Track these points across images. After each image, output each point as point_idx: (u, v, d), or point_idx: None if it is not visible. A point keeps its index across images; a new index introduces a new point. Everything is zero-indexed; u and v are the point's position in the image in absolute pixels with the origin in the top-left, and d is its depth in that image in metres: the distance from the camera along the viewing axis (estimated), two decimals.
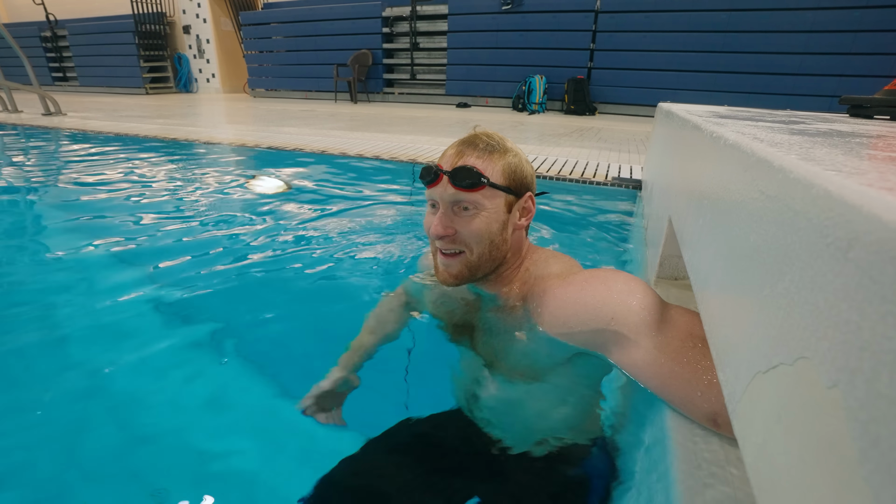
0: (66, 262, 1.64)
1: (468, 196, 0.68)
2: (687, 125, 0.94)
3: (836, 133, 0.66)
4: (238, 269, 1.60)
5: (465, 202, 0.68)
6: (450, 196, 0.68)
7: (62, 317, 1.30)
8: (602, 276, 0.67)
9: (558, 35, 6.76)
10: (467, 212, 0.69)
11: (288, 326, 1.30)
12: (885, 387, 0.18)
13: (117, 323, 1.28)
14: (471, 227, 0.69)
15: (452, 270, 0.72)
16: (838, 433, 0.21)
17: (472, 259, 0.71)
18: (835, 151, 0.42)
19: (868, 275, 0.21)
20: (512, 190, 0.71)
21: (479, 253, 0.71)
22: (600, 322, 0.62)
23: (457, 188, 0.67)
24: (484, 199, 0.68)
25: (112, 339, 1.21)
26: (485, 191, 0.68)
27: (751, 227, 0.39)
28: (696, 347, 0.56)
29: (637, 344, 0.58)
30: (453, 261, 0.72)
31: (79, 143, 4.05)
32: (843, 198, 0.24)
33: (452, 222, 0.70)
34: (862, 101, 1.43)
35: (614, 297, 0.62)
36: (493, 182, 0.69)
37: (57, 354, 1.15)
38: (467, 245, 0.70)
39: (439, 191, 0.69)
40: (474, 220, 0.69)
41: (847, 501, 0.20)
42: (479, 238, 0.70)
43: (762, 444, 0.29)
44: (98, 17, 10.61)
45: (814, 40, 5.44)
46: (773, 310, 0.30)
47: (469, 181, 0.67)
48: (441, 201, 0.69)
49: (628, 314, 0.60)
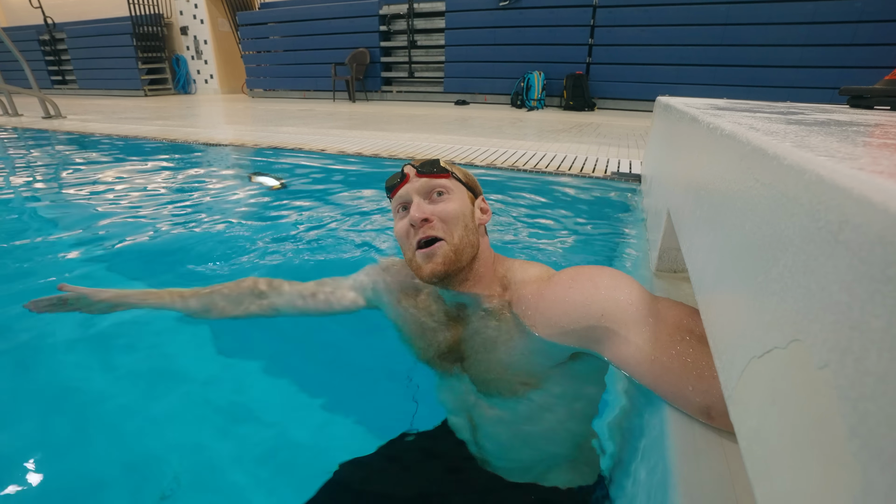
0: (67, 262, 1.65)
1: (438, 181, 0.73)
2: (685, 117, 0.94)
3: (834, 122, 0.66)
4: (237, 266, 1.60)
5: (439, 187, 0.73)
6: (421, 185, 0.72)
7: (62, 317, 1.31)
8: (588, 272, 0.67)
9: (556, 31, 6.74)
10: (440, 196, 0.72)
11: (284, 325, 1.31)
12: (874, 364, 0.18)
13: (119, 323, 1.29)
14: (446, 208, 0.72)
15: (437, 257, 0.70)
16: (829, 412, 0.21)
17: (454, 242, 0.71)
18: (830, 139, 0.42)
19: (858, 256, 0.21)
20: (470, 188, 0.78)
21: (459, 236, 0.71)
22: (591, 319, 0.61)
23: (427, 175, 0.72)
24: (451, 184, 0.74)
25: (112, 340, 1.22)
26: (451, 179, 0.74)
27: (746, 215, 0.39)
28: (684, 340, 0.55)
29: (627, 340, 0.58)
30: (434, 249, 0.71)
31: (79, 145, 4.06)
32: (834, 182, 0.24)
33: (428, 207, 0.72)
34: (862, 92, 1.43)
35: (602, 293, 0.62)
36: (456, 175, 0.76)
37: (53, 357, 1.16)
38: (446, 226, 0.71)
39: (409, 186, 0.73)
40: (448, 202, 0.72)
41: (837, 478, 0.20)
42: (456, 218, 0.72)
43: (757, 427, 0.30)
44: (95, 19, 10.61)
45: (814, 32, 5.41)
46: (768, 295, 0.31)
47: (437, 168, 0.73)
48: (413, 194, 0.73)
49: (617, 310, 0.60)
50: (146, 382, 1.09)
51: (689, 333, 0.56)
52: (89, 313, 0.86)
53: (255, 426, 0.98)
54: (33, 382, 1.08)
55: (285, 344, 1.22)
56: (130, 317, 1.05)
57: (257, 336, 1.27)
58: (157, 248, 1.79)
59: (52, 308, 0.85)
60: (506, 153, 3.33)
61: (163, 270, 1.62)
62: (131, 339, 1.22)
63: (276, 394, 1.07)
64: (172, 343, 1.19)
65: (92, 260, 1.67)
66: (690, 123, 0.84)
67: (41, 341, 1.19)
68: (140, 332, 1.25)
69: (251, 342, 1.23)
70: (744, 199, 0.40)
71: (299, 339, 1.27)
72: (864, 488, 0.18)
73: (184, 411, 1.01)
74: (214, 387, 1.09)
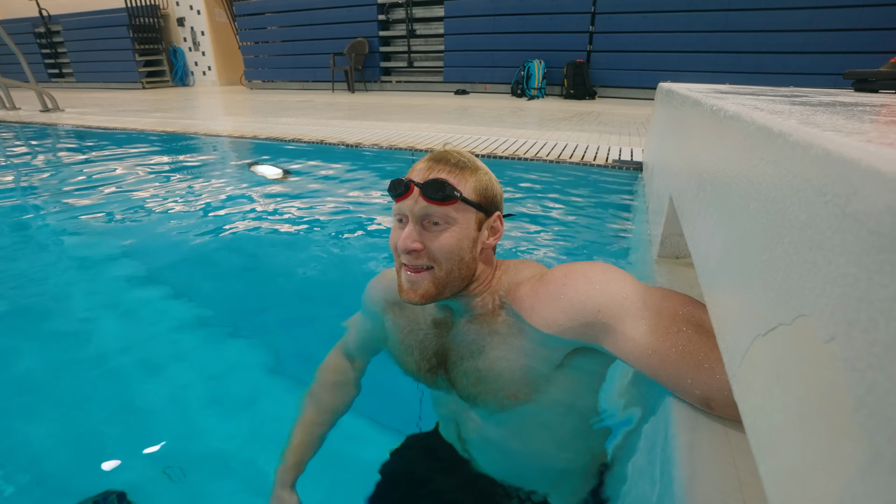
0: (65, 256, 1.65)
1: (439, 210, 0.65)
2: (687, 101, 0.93)
3: (840, 104, 0.65)
4: (236, 256, 1.60)
5: (436, 216, 0.65)
6: (420, 209, 0.65)
7: (64, 306, 1.31)
8: (581, 269, 0.66)
9: (557, 18, 6.65)
10: (437, 227, 0.66)
11: (286, 311, 1.31)
12: (883, 334, 0.18)
13: (122, 311, 1.29)
14: (440, 242, 0.66)
15: (419, 289, 0.67)
16: (835, 384, 0.21)
17: (440, 275, 0.67)
18: (836, 117, 0.42)
19: (866, 227, 0.21)
20: (482, 207, 0.68)
21: (448, 269, 0.67)
22: (588, 315, 0.61)
23: (429, 201, 0.64)
24: (455, 213, 0.66)
25: (116, 328, 1.23)
26: (457, 205, 0.66)
27: (750, 194, 0.39)
28: (681, 331, 0.55)
29: (625, 334, 0.58)
30: (419, 277, 0.67)
31: (78, 138, 4.04)
32: (841, 154, 0.24)
33: (421, 237, 0.66)
34: (867, 75, 1.41)
35: (597, 287, 0.62)
36: (465, 197, 0.66)
37: (56, 342, 1.16)
38: (436, 261, 0.66)
39: (409, 204, 0.66)
40: (444, 234, 0.66)
41: (843, 449, 0.20)
42: (449, 254, 0.66)
43: (761, 404, 0.30)
44: (91, 11, 10.49)
45: (817, 16, 5.33)
46: (773, 272, 0.31)
47: (441, 194, 0.64)
48: (410, 215, 0.66)
49: (613, 304, 0.60)
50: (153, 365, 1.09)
51: (686, 323, 0.56)
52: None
53: (256, 429, 0.98)
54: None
55: (276, 328, 1.22)
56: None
57: (256, 339, 1.26)
58: (156, 240, 1.79)
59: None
60: (506, 142, 3.31)
61: (161, 261, 1.62)
62: (130, 331, 1.22)
63: (277, 397, 1.07)
64: (175, 351, 1.18)
65: (90, 253, 1.68)
66: (693, 107, 0.83)
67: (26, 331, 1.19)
68: (140, 323, 1.26)
69: (252, 346, 1.22)
70: (748, 178, 0.40)
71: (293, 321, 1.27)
72: (871, 457, 0.18)
73: (173, 398, 1.01)
74: (218, 388, 1.09)
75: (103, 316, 1.28)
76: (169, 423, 0.96)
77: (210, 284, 1.50)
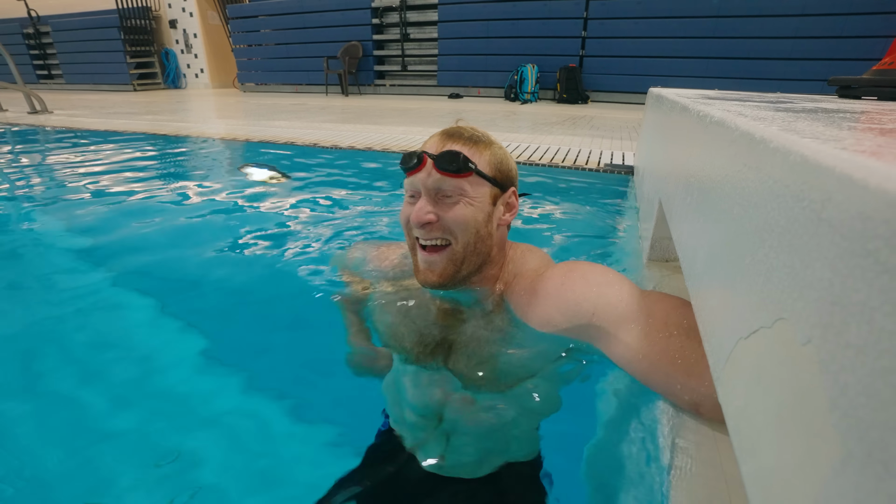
0: (54, 260, 1.63)
1: (453, 182, 0.63)
2: (675, 107, 0.94)
3: (822, 110, 0.66)
4: (228, 261, 1.59)
5: (449, 189, 0.63)
6: (434, 182, 0.63)
7: (51, 312, 1.30)
8: (580, 270, 0.67)
9: (549, 23, 6.71)
10: (450, 198, 0.64)
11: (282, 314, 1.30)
12: (854, 337, 0.19)
13: (105, 315, 1.28)
14: (455, 213, 0.64)
15: (436, 268, 0.65)
16: (812, 386, 0.22)
17: (458, 250, 0.65)
18: (816, 124, 0.43)
19: (839, 232, 0.21)
20: (497, 182, 0.67)
21: (465, 243, 0.65)
22: (583, 317, 0.62)
23: (443, 173, 0.62)
24: (469, 186, 0.64)
25: (105, 337, 1.21)
26: (471, 178, 0.64)
27: (734, 199, 0.39)
28: (672, 336, 0.56)
29: (617, 338, 0.59)
30: (437, 256, 0.65)
31: (67, 140, 3.99)
32: (817, 161, 0.25)
33: (435, 209, 0.64)
34: (850, 82, 1.44)
35: (593, 290, 0.62)
36: (480, 170, 0.64)
37: (44, 350, 1.15)
38: (452, 234, 0.64)
39: (422, 177, 0.64)
40: (457, 206, 0.64)
41: (818, 450, 0.20)
42: (465, 226, 0.64)
43: (743, 406, 0.30)
44: (81, 12, 10.39)
45: (805, 24, 5.44)
46: (754, 277, 0.31)
47: (456, 165, 0.62)
48: (423, 188, 0.64)
49: (608, 308, 0.60)
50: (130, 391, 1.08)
51: (678, 328, 0.56)
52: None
53: (224, 441, 0.94)
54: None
55: (282, 347, 1.20)
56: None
57: (242, 326, 1.25)
58: (146, 243, 1.77)
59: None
60: None
61: (152, 266, 1.61)
62: (119, 338, 1.21)
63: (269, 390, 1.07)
64: (156, 352, 1.16)
65: (80, 257, 1.66)
66: (681, 112, 0.84)
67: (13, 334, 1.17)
68: (128, 331, 1.24)
69: (246, 348, 1.20)
70: (732, 183, 0.41)
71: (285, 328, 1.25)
72: (843, 458, 0.18)
73: (153, 408, 0.99)
74: (193, 395, 1.06)
75: (85, 318, 1.27)
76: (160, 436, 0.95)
77: (200, 287, 1.49)
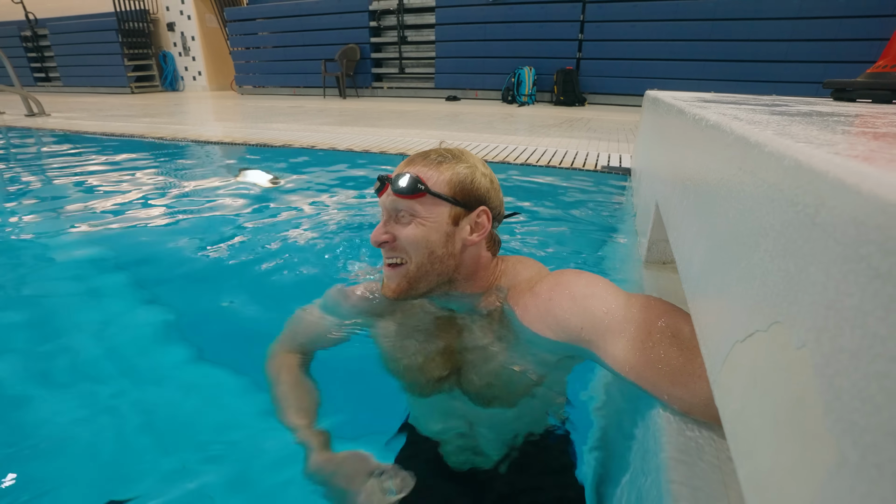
0: (51, 264, 1.63)
1: (405, 203, 0.67)
2: (672, 110, 0.94)
3: (816, 113, 0.67)
4: (226, 265, 1.59)
5: (403, 210, 0.67)
6: (390, 203, 0.68)
7: (49, 314, 1.29)
8: (565, 283, 0.67)
9: (547, 26, 6.74)
10: (404, 219, 0.68)
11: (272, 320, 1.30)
12: (848, 341, 0.19)
13: (102, 318, 1.27)
14: (405, 233, 0.68)
15: (391, 283, 0.71)
16: (807, 390, 0.22)
17: (412, 269, 0.69)
18: (811, 128, 0.43)
19: (833, 237, 0.21)
20: (458, 201, 0.68)
21: (418, 263, 0.68)
22: (571, 333, 0.64)
23: (395, 194, 0.67)
24: (420, 206, 0.67)
25: (104, 340, 1.21)
26: (424, 198, 0.67)
27: (730, 203, 0.39)
28: (657, 345, 0.56)
29: (605, 350, 0.60)
30: (393, 272, 0.70)
31: (64, 143, 3.98)
32: (811, 166, 0.25)
33: (391, 229, 0.69)
34: (845, 85, 1.45)
35: (579, 305, 0.63)
36: (435, 191, 0.67)
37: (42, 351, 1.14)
38: (406, 253, 0.69)
39: (383, 199, 0.69)
40: (409, 226, 0.68)
41: (814, 453, 0.20)
42: (416, 246, 0.68)
43: (740, 409, 0.30)
44: (79, 15, 10.38)
45: (800, 27, 5.47)
46: (750, 280, 0.31)
47: (405, 187, 0.66)
48: (384, 209, 0.69)
49: (594, 321, 0.61)
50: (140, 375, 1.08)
51: (663, 336, 0.56)
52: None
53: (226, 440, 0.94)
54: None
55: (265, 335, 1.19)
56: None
57: (231, 342, 1.24)
58: (144, 248, 1.77)
59: None
60: (497, 148, 3.34)
61: (149, 270, 1.60)
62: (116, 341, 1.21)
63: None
64: (158, 364, 1.15)
65: (77, 260, 1.65)
66: (677, 115, 0.84)
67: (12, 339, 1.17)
68: (123, 333, 1.24)
69: (242, 350, 1.19)
70: (728, 187, 0.41)
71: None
72: (838, 462, 0.19)
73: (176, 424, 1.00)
74: (193, 396, 1.06)
75: (83, 320, 1.26)
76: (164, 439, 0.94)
77: (196, 290, 1.49)
